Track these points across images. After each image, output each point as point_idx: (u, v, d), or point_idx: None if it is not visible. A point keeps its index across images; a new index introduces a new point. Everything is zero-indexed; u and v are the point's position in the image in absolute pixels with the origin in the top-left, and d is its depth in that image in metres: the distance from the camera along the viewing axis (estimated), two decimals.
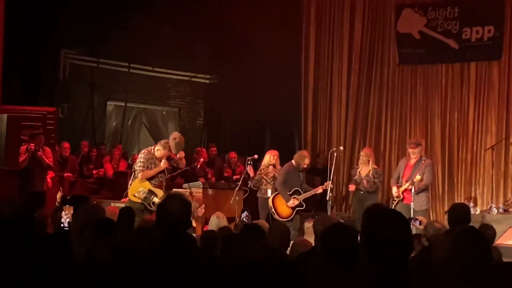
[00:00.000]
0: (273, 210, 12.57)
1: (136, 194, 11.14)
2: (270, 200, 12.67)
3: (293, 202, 12.53)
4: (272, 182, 12.89)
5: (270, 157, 13.11)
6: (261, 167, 13.19)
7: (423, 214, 11.99)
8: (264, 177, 12.99)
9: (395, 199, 12.49)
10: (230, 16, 17.78)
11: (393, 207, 12.08)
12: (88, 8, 16.64)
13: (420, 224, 8.50)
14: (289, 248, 6.66)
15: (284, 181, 12.65)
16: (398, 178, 12.75)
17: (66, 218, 8.01)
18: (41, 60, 16.60)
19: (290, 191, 12.55)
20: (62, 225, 7.87)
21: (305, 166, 12.85)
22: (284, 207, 12.59)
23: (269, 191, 12.86)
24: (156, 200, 11.05)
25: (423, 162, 12.48)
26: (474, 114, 15.48)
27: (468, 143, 15.54)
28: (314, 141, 17.12)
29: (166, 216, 4.83)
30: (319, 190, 12.77)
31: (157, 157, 11.34)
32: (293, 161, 12.92)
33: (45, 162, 12.97)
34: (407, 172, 12.53)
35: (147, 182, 11.22)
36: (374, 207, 5.86)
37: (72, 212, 7.55)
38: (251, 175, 13.26)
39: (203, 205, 11.90)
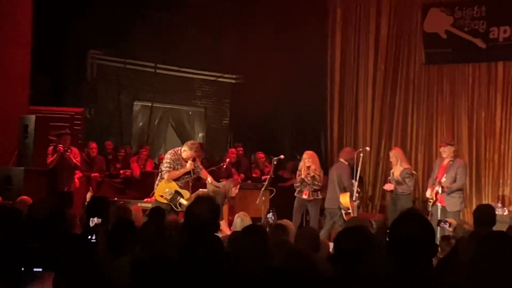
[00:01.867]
0: (349, 210, 12.58)
1: (162, 195, 11.17)
2: (343, 200, 12.67)
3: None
4: (311, 183, 12.82)
5: (305, 159, 13.03)
6: (299, 168, 13.11)
7: (455, 216, 11.86)
8: (305, 178, 12.89)
9: (430, 201, 12.39)
10: (256, 16, 17.80)
11: (429, 209, 12.03)
12: (115, 9, 16.70)
13: (449, 226, 8.46)
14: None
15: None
16: (434, 179, 12.63)
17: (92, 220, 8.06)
18: (68, 61, 16.72)
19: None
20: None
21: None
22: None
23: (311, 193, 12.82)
24: (182, 201, 11.08)
25: (456, 163, 12.37)
26: (501, 114, 15.39)
27: (496, 143, 15.45)
28: (340, 141, 17.09)
29: (194, 219, 4.83)
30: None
31: (184, 158, 11.36)
32: (342, 160, 12.98)
33: (73, 162, 13.05)
34: (441, 173, 12.40)
35: (174, 183, 11.24)
36: (407, 211, 5.90)
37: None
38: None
39: (238, 186, 11.93)
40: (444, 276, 4.39)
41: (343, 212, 12.62)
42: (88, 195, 13.57)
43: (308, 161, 12.89)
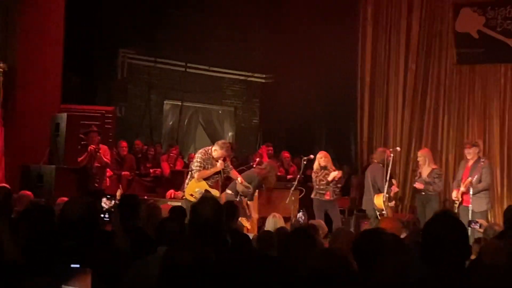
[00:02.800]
0: (383, 211, 12.56)
1: (192, 194, 11.19)
2: (377, 202, 12.65)
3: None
4: (334, 184, 12.79)
5: (322, 159, 12.98)
6: (315, 169, 13.06)
7: (482, 216, 11.85)
8: (322, 178, 12.85)
9: (456, 202, 12.34)
10: (286, 15, 17.79)
11: (456, 210, 11.97)
12: (146, 8, 16.80)
13: (480, 227, 8.38)
14: None
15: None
16: (459, 180, 12.59)
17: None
18: (99, 60, 16.83)
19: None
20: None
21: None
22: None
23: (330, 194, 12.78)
24: None
25: (481, 163, 12.32)
26: None
27: None
28: (370, 141, 17.01)
29: (197, 219, 4.85)
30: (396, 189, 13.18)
31: (214, 157, 11.38)
32: (376, 161, 12.94)
33: (104, 161, 13.13)
34: (466, 174, 12.37)
35: (204, 182, 11.27)
36: (440, 213, 5.85)
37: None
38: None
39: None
40: (474, 278, 4.34)
41: (377, 213, 12.57)
42: (118, 193, 13.66)
43: (323, 161, 12.85)
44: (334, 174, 12.73)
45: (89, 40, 16.05)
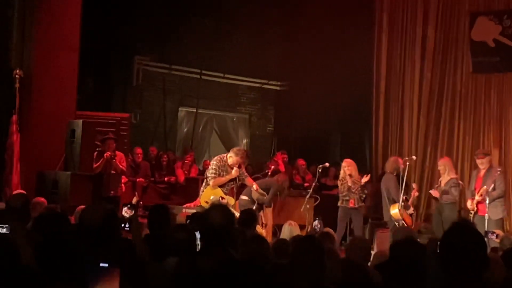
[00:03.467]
0: (402, 221, 12.52)
1: (207, 201, 11.18)
2: (393, 213, 12.61)
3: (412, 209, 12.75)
4: (359, 192, 12.73)
5: (347, 168, 12.89)
6: (340, 178, 12.95)
7: (498, 224, 11.80)
8: (352, 186, 12.76)
9: (471, 212, 12.28)
10: (301, 23, 17.78)
11: (471, 220, 11.89)
12: (161, 15, 16.84)
13: (497, 237, 8.32)
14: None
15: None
16: (473, 191, 12.52)
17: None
18: (115, 66, 16.90)
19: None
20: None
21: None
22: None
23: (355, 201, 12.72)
24: None
25: (494, 171, 12.26)
26: None
27: None
28: (385, 149, 16.97)
29: (207, 226, 4.85)
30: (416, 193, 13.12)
31: (229, 164, 11.37)
32: (387, 171, 12.87)
33: (119, 168, 13.16)
34: (478, 183, 12.31)
35: (219, 189, 11.26)
36: (459, 223, 5.81)
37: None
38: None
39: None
40: None
41: (396, 224, 12.51)
42: (134, 201, 13.69)
43: (348, 169, 12.76)
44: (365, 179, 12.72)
45: (105, 47, 16.10)
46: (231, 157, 11.39)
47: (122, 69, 17.20)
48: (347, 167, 12.76)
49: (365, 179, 12.69)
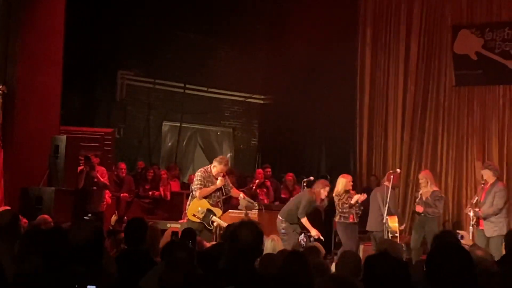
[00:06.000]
0: (397, 234, 12.51)
1: (195, 214, 11.11)
2: (391, 224, 12.60)
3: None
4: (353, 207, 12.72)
5: (346, 183, 12.86)
6: (339, 192, 12.87)
7: (497, 241, 11.48)
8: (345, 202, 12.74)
9: (472, 223, 12.12)
10: (286, 36, 17.82)
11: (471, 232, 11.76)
12: (145, 29, 16.84)
13: (461, 238, 8.11)
14: None
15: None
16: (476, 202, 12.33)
17: None
18: (98, 81, 16.88)
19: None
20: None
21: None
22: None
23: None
24: (215, 219, 11.04)
25: (495, 187, 12.05)
26: None
27: None
28: (369, 162, 17.01)
29: (237, 243, 4.80)
30: None
31: (214, 174, 11.32)
32: (387, 183, 12.86)
33: (101, 181, 13.12)
34: (483, 197, 12.13)
35: (205, 201, 11.19)
36: (442, 235, 5.82)
37: None
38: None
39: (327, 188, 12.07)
40: None
41: (390, 235, 12.50)
42: (113, 219, 13.62)
43: (349, 185, 12.76)
44: (357, 197, 12.65)
45: (89, 62, 16.08)
46: (215, 167, 11.34)
47: (106, 84, 17.17)
48: (349, 182, 12.76)
49: (362, 197, 12.67)
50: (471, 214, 11.93)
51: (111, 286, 4.39)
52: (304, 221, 11.94)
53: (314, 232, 11.83)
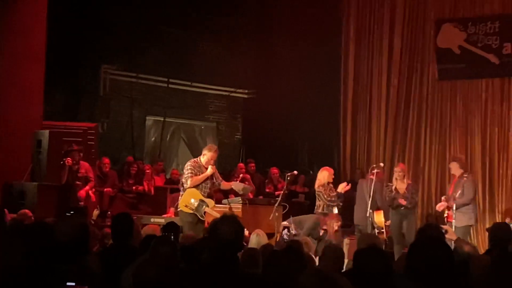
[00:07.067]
0: (383, 229, 12.56)
1: (187, 205, 11.06)
2: (377, 220, 12.64)
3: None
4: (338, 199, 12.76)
5: (329, 175, 12.90)
6: (323, 183, 12.89)
7: (464, 231, 11.78)
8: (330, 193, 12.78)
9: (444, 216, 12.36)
10: (270, 31, 17.82)
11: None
12: (128, 24, 16.76)
13: (446, 232, 8.14)
14: None
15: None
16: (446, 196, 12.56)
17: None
18: (81, 76, 16.78)
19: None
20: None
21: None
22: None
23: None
24: (207, 209, 11.02)
25: (464, 178, 12.32)
26: None
27: (509, 158, 15.40)
28: (353, 156, 17.06)
29: (217, 237, 4.81)
30: None
31: (204, 163, 11.29)
32: (371, 176, 12.90)
33: (83, 174, 13.11)
34: (450, 190, 12.39)
35: (198, 192, 11.15)
36: (426, 228, 5.86)
37: None
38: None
39: (339, 223, 12.01)
40: None
41: (376, 231, 12.55)
42: (95, 214, 13.59)
43: (330, 177, 12.84)
44: (343, 185, 12.73)
45: (71, 57, 15.98)
46: (205, 155, 11.33)
47: (89, 79, 17.08)
48: (328, 174, 12.81)
49: (347, 187, 12.75)
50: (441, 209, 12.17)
51: (94, 282, 4.37)
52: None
53: None
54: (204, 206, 11.06)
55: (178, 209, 11.52)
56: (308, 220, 12.33)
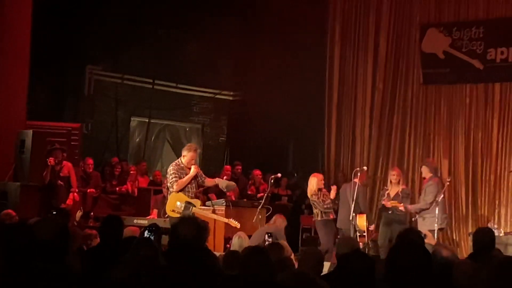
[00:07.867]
0: (364, 233, 12.59)
1: (174, 209, 11.03)
2: (360, 223, 12.68)
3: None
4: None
5: (318, 181, 12.89)
6: (315, 191, 12.87)
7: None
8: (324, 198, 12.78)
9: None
10: (255, 33, 17.83)
11: None
12: (113, 24, 16.73)
13: (425, 237, 8.19)
14: None
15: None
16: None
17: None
18: (66, 76, 16.73)
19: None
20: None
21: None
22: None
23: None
24: (195, 209, 11.00)
25: (429, 182, 12.53)
26: (498, 134, 15.40)
27: (492, 163, 15.43)
28: (337, 159, 17.07)
29: (176, 239, 4.83)
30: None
31: (185, 164, 11.24)
32: (357, 181, 12.92)
33: (65, 174, 13.08)
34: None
35: (183, 195, 11.12)
36: (406, 233, 5.88)
37: None
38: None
39: None
40: None
41: (358, 234, 12.58)
42: (78, 215, 13.55)
43: (320, 183, 12.84)
44: (334, 189, 12.80)
45: (56, 56, 15.94)
46: (185, 156, 11.27)
47: (74, 79, 17.05)
48: (317, 181, 12.79)
49: (335, 191, 12.81)
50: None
51: (73, 282, 4.36)
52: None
53: None
54: (191, 208, 11.04)
55: (166, 216, 11.51)
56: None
